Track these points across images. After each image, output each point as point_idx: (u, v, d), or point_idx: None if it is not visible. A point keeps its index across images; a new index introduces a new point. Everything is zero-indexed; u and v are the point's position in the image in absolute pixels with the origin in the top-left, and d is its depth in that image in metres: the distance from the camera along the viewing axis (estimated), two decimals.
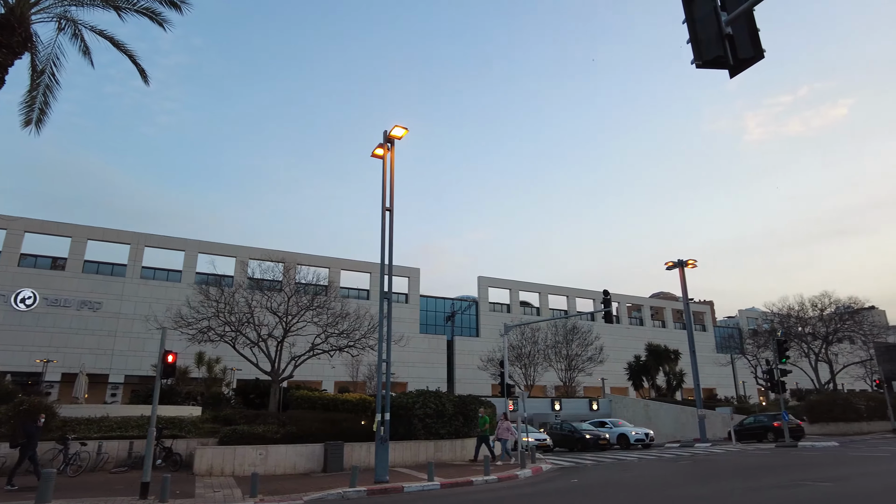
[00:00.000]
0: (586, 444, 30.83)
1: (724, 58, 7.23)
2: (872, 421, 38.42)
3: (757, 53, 7.23)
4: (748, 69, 7.39)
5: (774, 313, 52.54)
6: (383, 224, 18.36)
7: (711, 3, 7.32)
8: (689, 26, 7.41)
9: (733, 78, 7.45)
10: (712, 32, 7.23)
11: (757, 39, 7.25)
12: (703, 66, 7.31)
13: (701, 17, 7.31)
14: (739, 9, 7.27)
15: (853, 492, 11.61)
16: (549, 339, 50.28)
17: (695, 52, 7.31)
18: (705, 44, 7.25)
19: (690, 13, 7.41)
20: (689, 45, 7.38)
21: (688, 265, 36.03)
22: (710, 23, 7.26)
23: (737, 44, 7.21)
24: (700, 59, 7.26)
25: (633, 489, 13.72)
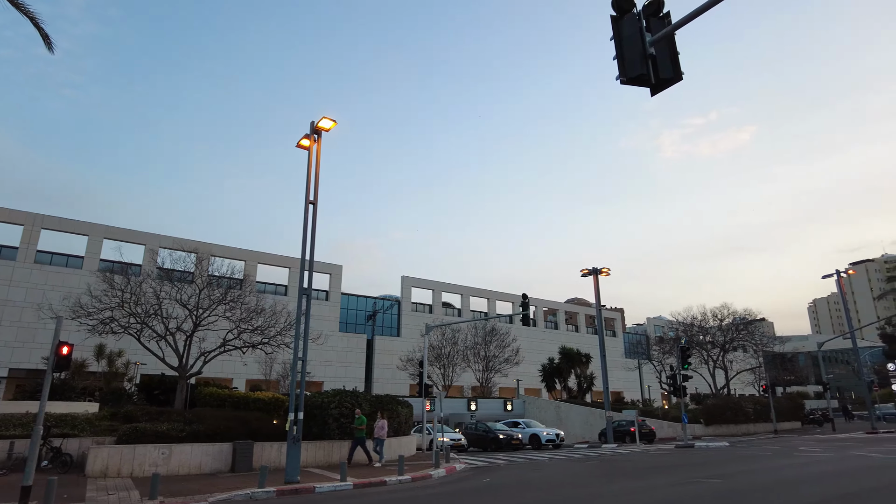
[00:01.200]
0: (500, 444, 31.44)
1: (647, 76, 7.59)
2: (758, 423, 41.73)
3: (676, 75, 7.64)
4: (667, 89, 7.81)
5: (679, 322, 55.89)
6: (306, 218, 17.90)
7: (637, 24, 7.67)
8: (616, 44, 7.72)
9: (653, 97, 7.83)
10: (637, 52, 7.57)
11: (677, 62, 7.67)
12: (626, 83, 7.64)
13: (627, 36, 7.63)
14: (662, 32, 7.66)
15: (738, 487, 12.53)
16: (468, 341, 50.95)
17: (620, 68, 7.63)
18: (630, 62, 7.58)
19: (618, 31, 7.72)
20: (616, 61, 7.69)
21: (602, 273, 37.58)
22: (636, 42, 7.60)
23: (659, 64, 7.60)
24: (624, 76, 7.58)
25: (542, 488, 14.12)
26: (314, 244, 17.74)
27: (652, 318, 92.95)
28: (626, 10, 7.73)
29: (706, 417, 39.65)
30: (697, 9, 7.58)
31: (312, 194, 18.11)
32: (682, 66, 7.65)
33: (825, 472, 14.66)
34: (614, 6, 7.77)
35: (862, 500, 10.10)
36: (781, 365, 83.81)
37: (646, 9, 7.77)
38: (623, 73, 7.55)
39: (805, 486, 12.17)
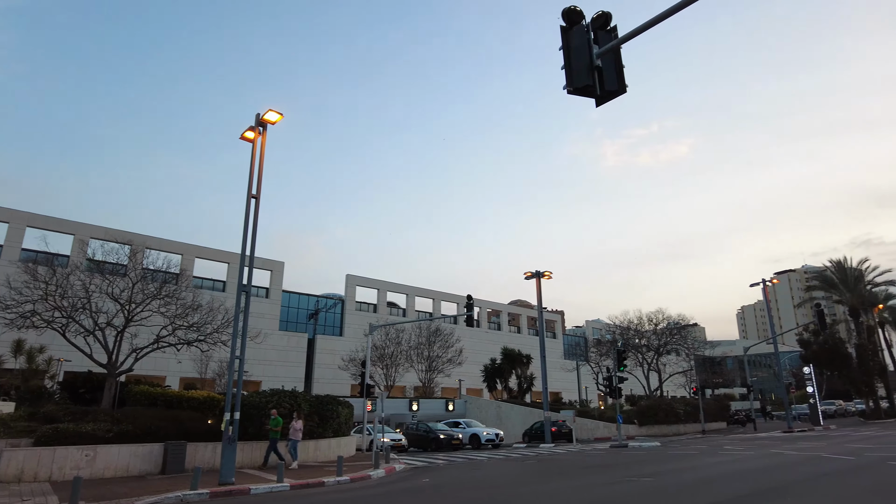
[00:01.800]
0: (440, 444, 31.55)
1: (592, 88, 7.81)
2: (688, 423, 43.62)
3: (621, 87, 7.90)
4: (612, 101, 8.06)
5: (617, 325, 57.75)
6: (247, 212, 17.42)
7: (586, 36, 7.88)
8: (564, 54, 7.90)
9: (598, 107, 8.06)
10: (584, 63, 7.78)
11: (622, 74, 7.93)
12: (573, 93, 7.84)
13: (576, 47, 7.83)
14: (609, 45, 7.90)
15: (667, 485, 13.07)
16: (412, 341, 50.89)
17: (567, 78, 7.82)
18: (577, 72, 7.78)
19: (567, 42, 7.90)
20: (563, 71, 7.88)
21: (544, 276, 38.33)
22: (583, 53, 7.81)
23: (604, 76, 7.83)
24: (571, 86, 7.77)
25: (480, 487, 14.27)
26: (255, 239, 17.29)
27: (591, 321, 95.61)
28: (576, 21, 7.93)
29: (640, 418, 41.11)
30: (643, 24, 7.86)
31: (255, 188, 17.65)
32: (626, 79, 7.92)
33: (745, 470, 15.48)
34: (564, 17, 7.95)
35: (777, 493, 10.74)
36: (711, 368, 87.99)
37: (594, 21, 8.00)
38: (570, 84, 7.75)
39: (727, 483, 12.82)
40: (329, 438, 23.62)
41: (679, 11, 7.52)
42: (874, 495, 10.34)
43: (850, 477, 13.05)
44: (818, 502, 9.75)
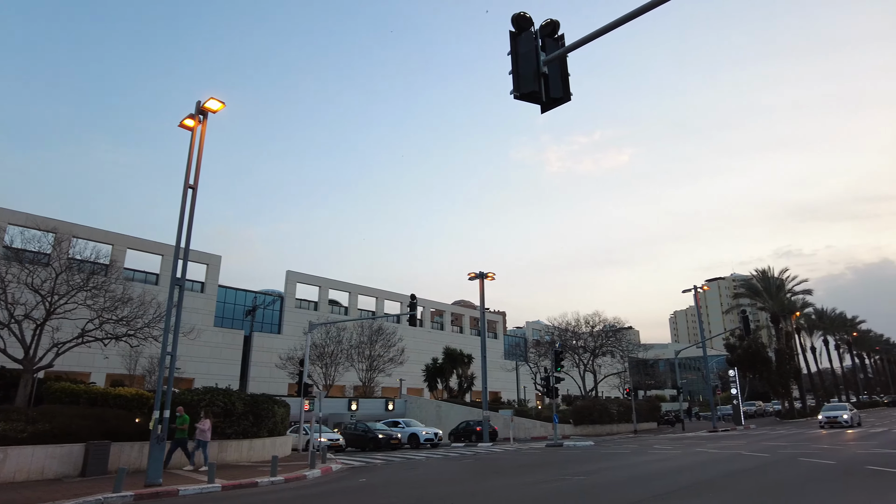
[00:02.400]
0: (378, 444, 31.36)
1: (539, 94, 7.95)
2: (621, 423, 45.11)
3: (566, 95, 8.07)
4: (556, 108, 8.23)
5: (555, 327, 59.06)
6: (184, 203, 16.77)
7: (533, 43, 8.00)
8: (512, 59, 8.01)
9: (543, 114, 8.22)
10: (531, 69, 7.90)
11: (567, 83, 8.10)
12: (519, 98, 7.95)
13: (523, 53, 7.94)
14: (555, 53, 8.06)
15: (600, 482, 13.48)
16: (354, 339, 50.31)
17: (515, 84, 7.93)
18: (524, 78, 7.90)
19: (515, 48, 8.01)
20: (511, 76, 7.98)
21: (488, 277, 38.78)
22: (530, 60, 7.93)
23: (550, 83, 7.99)
24: (518, 91, 7.88)
25: (417, 486, 14.27)
26: (191, 231, 16.67)
27: (531, 322, 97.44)
28: (524, 28, 8.05)
29: (575, 418, 42.19)
30: (589, 34, 8.06)
31: (193, 178, 17.03)
32: (571, 88, 8.11)
33: (672, 468, 16.16)
34: (513, 23, 8.06)
35: (699, 489, 11.27)
36: (644, 370, 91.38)
37: (542, 29, 8.14)
38: (517, 89, 7.86)
39: (655, 481, 13.34)
40: (264, 438, 23.05)
41: (624, 24, 7.75)
42: (783, 488, 11.02)
43: (765, 472, 13.84)
44: (735, 496, 10.29)
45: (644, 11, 7.49)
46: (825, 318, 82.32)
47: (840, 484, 11.49)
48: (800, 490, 10.94)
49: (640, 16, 7.61)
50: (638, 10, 7.54)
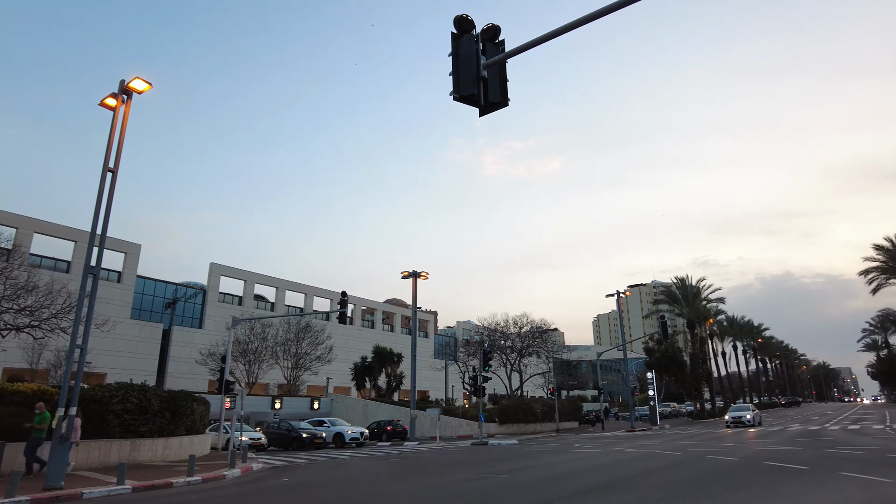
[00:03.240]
0: (302, 443, 30.76)
1: (477, 97, 8.03)
2: (545, 422, 46.35)
3: (503, 100, 8.20)
4: (494, 112, 8.35)
5: (485, 327, 59.91)
6: (101, 186, 15.79)
7: (475, 46, 8.08)
8: (453, 61, 8.05)
9: (481, 117, 8.31)
10: (471, 72, 7.98)
11: (505, 88, 8.23)
12: (458, 100, 8.01)
13: (464, 56, 8.00)
14: (495, 58, 8.17)
15: (522, 480, 13.78)
16: (280, 336, 49.02)
17: (454, 85, 7.97)
18: (464, 80, 7.96)
19: (456, 49, 8.05)
20: (451, 77, 8.02)
21: (421, 276, 38.82)
22: (471, 63, 8.00)
23: (489, 87, 8.09)
24: (457, 93, 7.93)
25: (341, 486, 14.09)
26: (109, 217, 15.70)
27: (462, 322, 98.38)
28: (466, 30, 8.11)
29: (500, 417, 42.94)
30: (529, 42, 8.23)
31: (113, 161, 16.05)
32: (509, 93, 8.24)
33: (591, 466, 16.77)
34: (455, 25, 8.11)
35: (616, 486, 11.77)
36: (567, 371, 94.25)
37: (484, 33, 8.24)
38: (456, 90, 7.91)
39: (575, 478, 13.80)
40: (181, 437, 22.07)
41: (561, 35, 7.96)
42: (692, 484, 11.69)
43: (676, 470, 14.61)
44: (648, 493, 10.80)
45: (581, 24, 7.72)
46: (735, 325, 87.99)
47: (741, 479, 12.31)
48: (706, 486, 11.63)
49: (576, 28, 7.83)
50: (575, 23, 7.76)
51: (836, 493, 10.17)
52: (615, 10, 7.43)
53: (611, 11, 7.46)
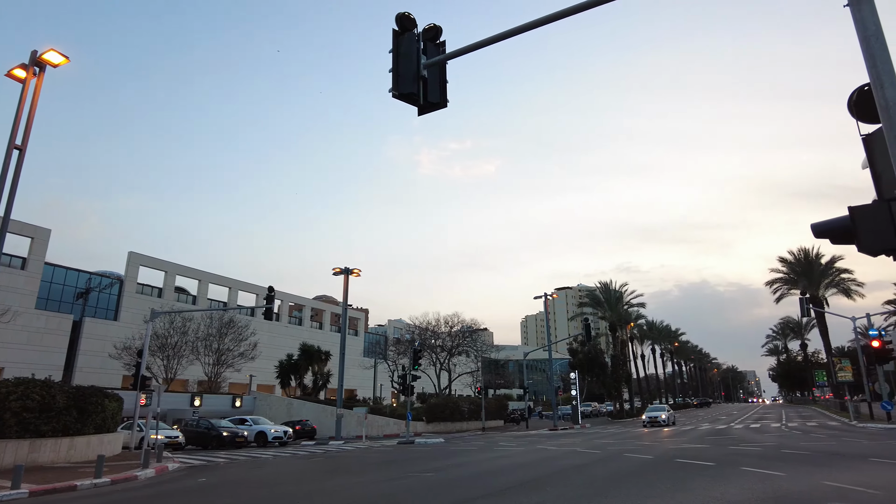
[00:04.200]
0: (223, 442, 29.74)
1: (417, 96, 8.02)
2: (471, 420, 46.93)
3: (442, 101, 8.23)
4: (433, 112, 8.35)
5: (416, 326, 59.97)
6: (6, 164, 14.60)
7: (416, 45, 8.06)
8: (393, 58, 7.99)
9: (420, 116, 8.29)
10: (411, 71, 7.95)
11: (444, 89, 8.26)
12: (397, 98, 7.96)
13: (405, 54, 7.96)
14: (436, 58, 8.18)
15: (447, 479, 13.90)
16: (201, 331, 47.02)
17: (394, 82, 7.91)
18: (404, 78, 7.92)
19: (397, 46, 8.00)
20: (391, 74, 7.96)
21: (353, 273, 38.35)
22: (411, 61, 7.98)
23: (429, 87, 8.09)
24: (397, 91, 7.89)
25: (261, 486, 13.70)
26: (14, 198, 14.55)
27: (393, 321, 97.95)
28: (408, 28, 8.07)
29: (428, 415, 43.09)
30: (470, 45, 8.27)
31: (21, 138, 14.88)
32: (448, 95, 8.27)
33: (515, 464, 17.13)
34: (397, 22, 8.05)
35: (538, 483, 12.08)
36: (495, 370, 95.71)
37: (425, 32, 8.22)
38: (396, 88, 7.86)
39: (499, 476, 14.04)
40: (90, 435, 20.75)
41: (503, 41, 8.06)
42: (609, 480, 12.18)
43: (594, 467, 15.17)
44: (568, 489, 11.16)
45: (521, 32, 7.85)
46: (654, 329, 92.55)
47: (655, 475, 12.94)
48: (622, 482, 12.14)
49: (516, 35, 7.95)
50: (515, 30, 7.88)
51: (737, 486, 10.88)
52: (554, 21, 7.60)
53: (549, 22, 7.63)
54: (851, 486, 10.45)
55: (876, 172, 5.46)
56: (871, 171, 5.53)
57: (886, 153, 5.10)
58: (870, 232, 5.06)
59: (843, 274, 54.21)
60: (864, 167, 5.59)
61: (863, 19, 5.30)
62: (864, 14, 5.31)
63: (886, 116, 5.08)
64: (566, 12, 7.39)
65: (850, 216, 5.18)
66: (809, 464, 14.37)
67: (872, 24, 5.27)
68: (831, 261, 54.13)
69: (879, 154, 5.35)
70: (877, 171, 5.45)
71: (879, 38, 5.22)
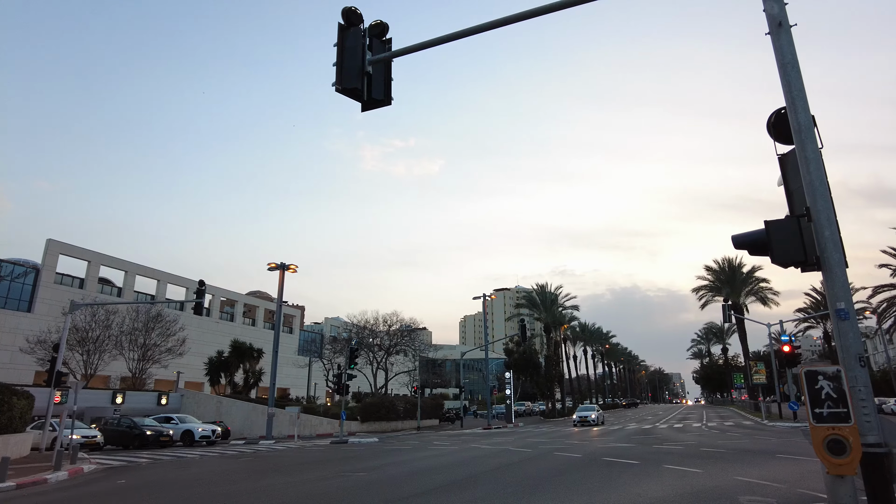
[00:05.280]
0: (146, 441, 28.45)
1: (360, 92, 7.96)
2: (406, 420, 46.89)
3: (387, 98, 8.20)
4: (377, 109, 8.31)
5: (353, 324, 59.28)
6: None
7: (362, 40, 7.99)
8: (338, 51, 7.90)
9: (363, 112, 8.23)
10: (356, 66, 7.88)
11: (389, 86, 8.24)
12: (341, 92, 7.87)
13: (350, 48, 7.88)
14: (382, 55, 8.15)
15: (380, 478, 13.84)
16: (126, 325, 44.74)
17: (338, 76, 7.82)
18: (348, 73, 7.84)
19: (342, 40, 7.92)
20: (335, 68, 7.86)
21: (289, 269, 37.49)
22: (356, 56, 7.91)
23: (373, 84, 8.04)
24: (340, 85, 7.80)
25: (185, 487, 13.20)
26: None
27: (330, 318, 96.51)
28: (354, 23, 7.99)
29: (363, 414, 42.73)
30: (416, 45, 8.28)
31: None
32: (393, 92, 8.25)
33: (448, 463, 17.26)
34: (343, 16, 7.96)
35: (469, 482, 12.23)
36: (432, 369, 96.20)
37: (371, 28, 8.17)
38: (339, 82, 7.77)
39: (431, 475, 14.11)
40: None
41: (448, 42, 8.11)
42: (539, 478, 12.50)
43: (525, 466, 15.51)
44: (499, 487, 11.37)
45: (468, 35, 7.92)
46: (587, 332, 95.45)
47: (582, 473, 13.37)
48: (551, 479, 12.47)
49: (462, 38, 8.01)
50: (461, 32, 7.95)
51: (659, 482, 11.41)
52: (497, 28, 7.72)
53: (494, 27, 7.74)
54: (759, 481, 11.17)
55: (789, 190, 5.87)
56: (784, 189, 5.94)
57: (798, 172, 5.49)
58: (782, 245, 5.43)
59: (762, 283, 57.70)
60: (779, 184, 5.99)
61: (781, 48, 5.69)
62: (782, 43, 5.69)
63: (799, 139, 5.47)
64: (511, 19, 7.53)
65: (765, 230, 5.54)
66: (724, 461, 15.23)
67: (789, 53, 5.66)
68: (752, 270, 57.48)
69: (792, 173, 5.76)
70: (790, 188, 5.85)
71: (795, 66, 5.61)
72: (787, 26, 5.72)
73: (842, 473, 4.87)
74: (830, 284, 5.19)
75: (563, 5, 6.98)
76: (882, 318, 42.50)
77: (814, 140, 5.41)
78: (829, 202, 5.28)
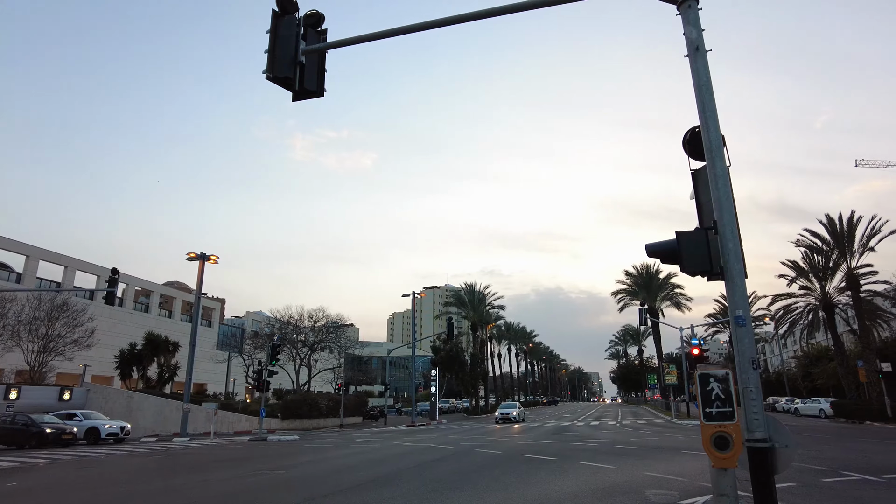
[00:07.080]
0: (44, 440, 26.52)
1: (292, 81, 7.78)
2: (329, 417, 46.23)
3: (319, 89, 8.07)
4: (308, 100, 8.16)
5: (277, 319, 57.74)
6: None
7: (296, 29, 7.82)
8: (271, 39, 7.69)
9: (294, 102, 8.06)
10: (289, 55, 7.70)
11: (322, 78, 8.11)
12: (272, 80, 7.67)
13: (283, 36, 7.70)
14: (316, 46, 8.01)
15: (298, 476, 13.60)
16: (25, 314, 41.46)
17: (269, 64, 7.62)
18: (280, 61, 7.65)
19: (276, 28, 7.72)
20: (267, 55, 7.65)
21: (210, 260, 36.05)
22: (289, 45, 7.73)
23: (306, 74, 7.89)
24: (271, 73, 7.60)
25: (87, 488, 12.45)
26: None
27: (252, 312, 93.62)
28: (289, 11, 7.80)
29: (284, 412, 41.74)
30: (352, 38, 8.18)
31: None
32: (326, 84, 8.12)
33: (369, 460, 17.19)
34: (278, 3, 7.76)
35: (390, 479, 12.24)
36: (358, 367, 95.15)
37: (307, 18, 8.00)
38: (271, 70, 7.57)
39: (351, 473, 14.00)
40: None
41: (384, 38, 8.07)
42: (458, 475, 12.69)
43: (447, 462, 15.69)
44: (419, 483, 11.46)
45: (405, 32, 7.92)
46: (512, 330, 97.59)
47: (502, 469, 13.70)
48: (471, 476, 12.69)
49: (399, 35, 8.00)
50: (399, 30, 7.94)
51: (573, 478, 11.88)
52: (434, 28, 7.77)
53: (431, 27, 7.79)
54: (665, 476, 11.86)
55: (699, 203, 6.27)
56: (696, 202, 6.34)
57: (708, 187, 5.88)
58: (691, 255, 5.80)
59: (677, 289, 61.12)
60: (691, 198, 6.39)
61: (697, 70, 6.07)
62: (698, 66, 6.08)
63: (710, 157, 5.86)
64: (450, 20, 7.60)
65: (676, 240, 5.89)
66: (635, 457, 16.04)
67: (705, 75, 6.05)
68: (668, 277, 60.75)
69: (703, 187, 6.16)
70: (700, 202, 6.25)
71: (709, 88, 6.00)
72: (703, 51, 6.10)
73: (725, 466, 5.32)
74: (731, 293, 5.60)
75: (502, 11, 7.12)
76: (779, 324, 45.97)
77: (723, 158, 5.82)
78: (734, 217, 5.69)
